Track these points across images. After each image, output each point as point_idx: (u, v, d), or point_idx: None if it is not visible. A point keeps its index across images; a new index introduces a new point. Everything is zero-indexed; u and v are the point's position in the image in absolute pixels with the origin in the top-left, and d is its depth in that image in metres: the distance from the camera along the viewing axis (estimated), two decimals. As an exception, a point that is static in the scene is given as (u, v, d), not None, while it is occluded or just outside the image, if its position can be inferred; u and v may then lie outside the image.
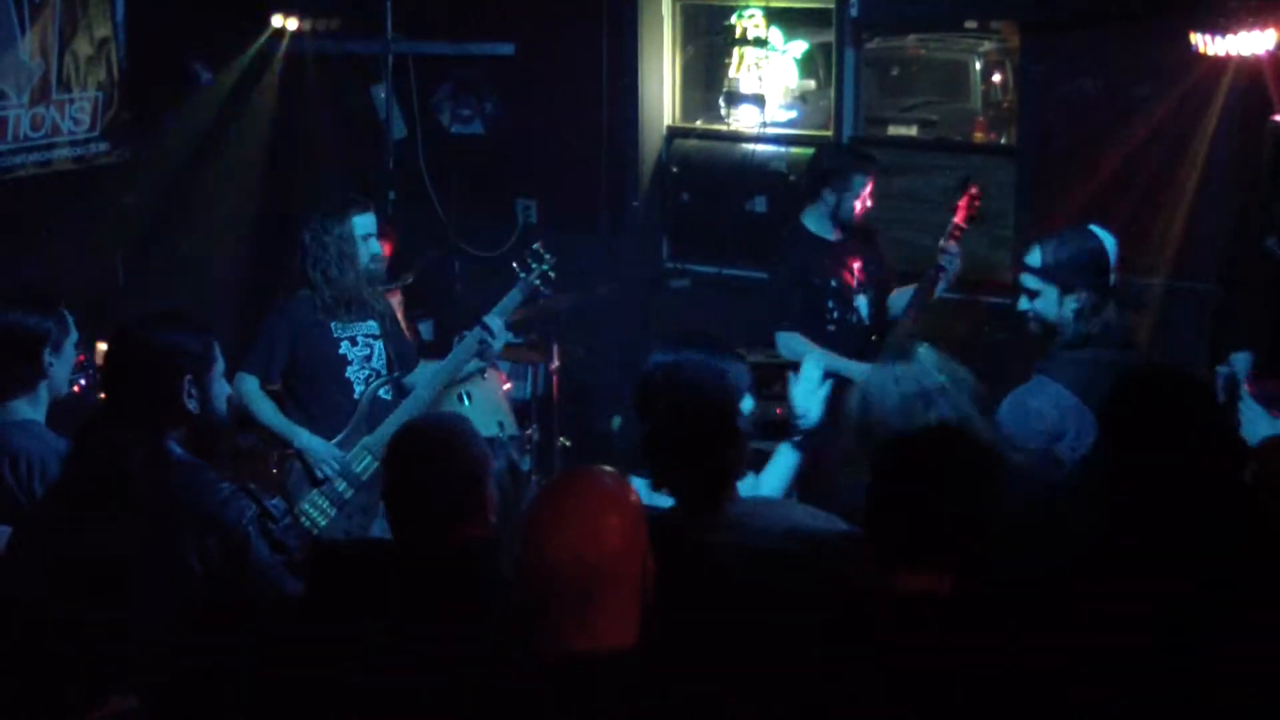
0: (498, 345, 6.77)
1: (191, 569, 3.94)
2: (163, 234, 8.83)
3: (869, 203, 7.27)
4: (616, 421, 9.22)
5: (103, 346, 6.97)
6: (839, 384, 5.14)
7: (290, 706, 3.56)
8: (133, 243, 8.72)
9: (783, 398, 4.99)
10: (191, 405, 4.16)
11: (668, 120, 9.52)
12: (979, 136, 9.16)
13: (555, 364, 8.28)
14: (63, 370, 4.91)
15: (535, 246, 6.98)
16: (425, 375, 6.83)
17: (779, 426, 4.97)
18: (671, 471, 4.00)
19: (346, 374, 6.65)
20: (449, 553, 3.60)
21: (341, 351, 6.63)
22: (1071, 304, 5.34)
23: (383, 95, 9.58)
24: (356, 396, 6.66)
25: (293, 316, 6.67)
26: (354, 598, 3.67)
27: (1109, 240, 5.51)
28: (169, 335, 4.25)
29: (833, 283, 7.27)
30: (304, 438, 6.56)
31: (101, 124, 8.56)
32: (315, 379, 6.68)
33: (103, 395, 4.45)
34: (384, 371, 6.75)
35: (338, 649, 3.54)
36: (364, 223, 6.64)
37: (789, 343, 7.12)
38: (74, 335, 4.92)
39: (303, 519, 6.42)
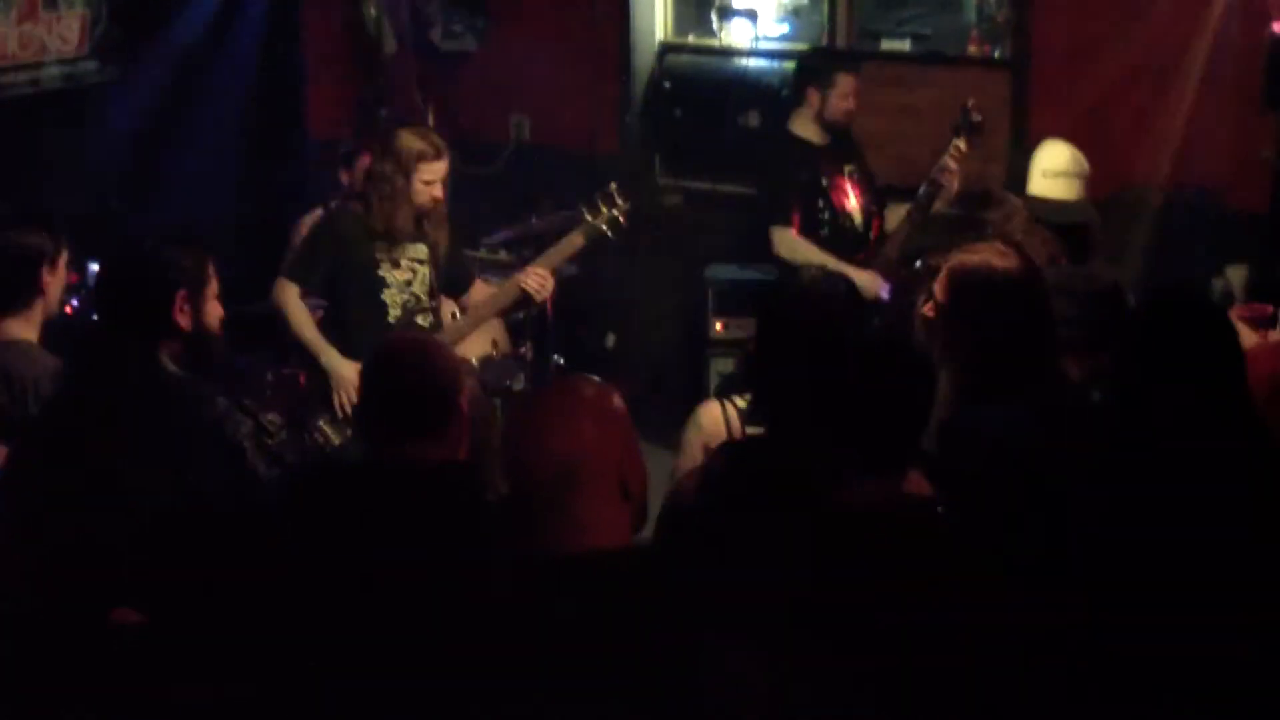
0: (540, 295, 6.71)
1: (188, 484, 3.95)
2: (154, 153, 8.79)
3: (852, 103, 7.36)
4: (610, 339, 9.23)
5: (95, 267, 6.98)
6: None
7: (283, 620, 3.57)
8: (124, 162, 8.68)
9: None
10: (184, 321, 4.16)
11: (660, 35, 9.46)
12: (973, 50, 9.10)
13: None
14: (57, 289, 4.91)
15: (610, 188, 6.82)
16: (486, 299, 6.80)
17: None
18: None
19: (382, 296, 6.54)
20: (420, 470, 3.58)
21: (380, 273, 6.53)
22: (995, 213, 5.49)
23: (373, 11, 9.51)
24: (389, 320, 6.54)
25: (337, 229, 6.61)
26: (331, 514, 3.65)
27: (1048, 152, 5.57)
28: (162, 251, 4.25)
29: (823, 181, 7.35)
30: (330, 357, 6.44)
31: (90, 42, 8.49)
32: (350, 297, 6.57)
33: (96, 313, 4.45)
34: (424, 297, 6.64)
35: (318, 564, 3.53)
36: (431, 169, 6.51)
37: (787, 241, 7.15)
38: (65, 253, 4.93)
39: (317, 435, 6.38)
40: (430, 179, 6.48)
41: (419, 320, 6.59)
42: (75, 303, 6.84)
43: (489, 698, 3.08)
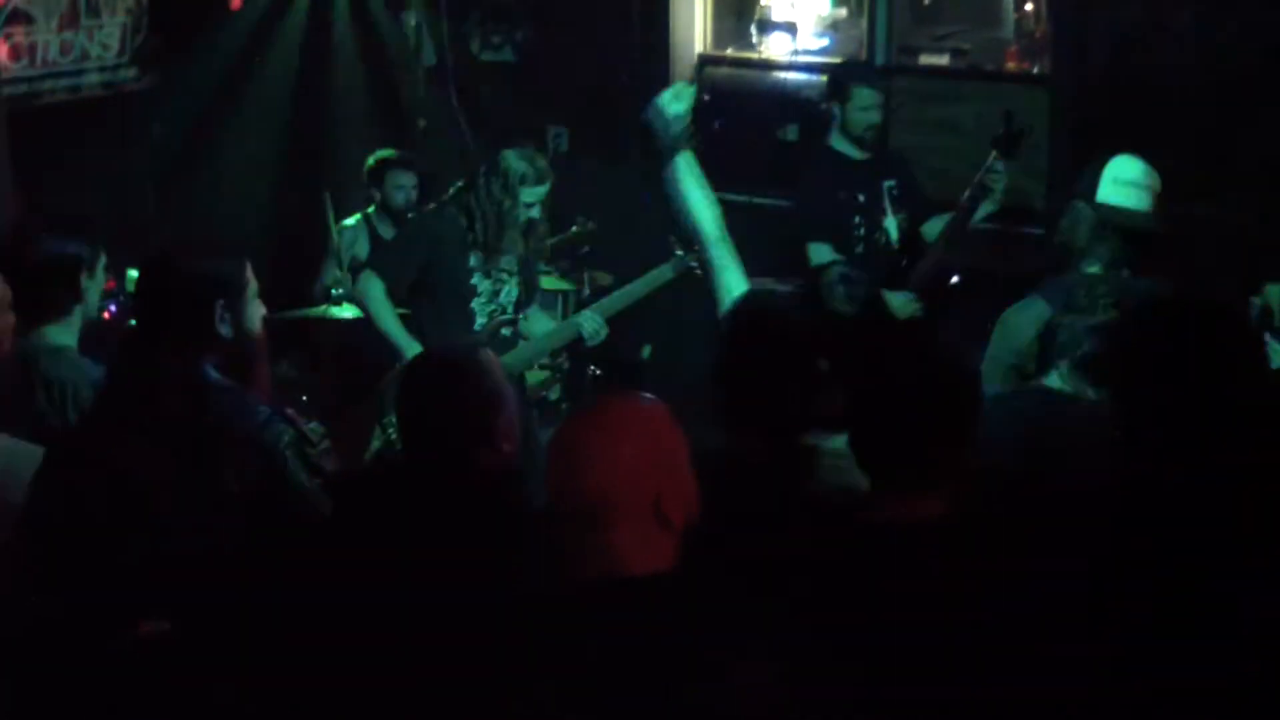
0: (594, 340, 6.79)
1: (229, 493, 3.95)
2: (192, 160, 8.82)
3: (874, 115, 7.32)
4: (647, 350, 9.22)
5: (134, 273, 7.00)
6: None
7: (317, 628, 3.57)
8: (162, 169, 8.71)
9: None
10: (225, 330, 4.15)
11: (699, 48, 9.46)
12: (1011, 65, 9.08)
13: (585, 293, 8.26)
14: (95, 294, 4.92)
15: None
16: (544, 326, 6.86)
17: None
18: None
19: (472, 305, 6.59)
20: (462, 480, 3.59)
21: (473, 281, 6.57)
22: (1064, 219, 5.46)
23: (413, 22, 9.53)
24: (476, 328, 6.59)
25: (434, 232, 6.62)
26: (372, 522, 3.66)
27: (1120, 163, 5.53)
28: (201, 260, 4.25)
29: (860, 198, 7.30)
30: (415, 351, 6.37)
31: (130, 49, 8.52)
32: (440, 301, 6.60)
33: (135, 321, 4.45)
34: (509, 309, 6.70)
35: (357, 572, 3.54)
36: (533, 192, 6.56)
37: (821, 255, 7.13)
38: (104, 258, 4.93)
39: (389, 429, 6.37)
40: (531, 201, 6.53)
41: (504, 333, 6.63)
42: (113, 309, 6.86)
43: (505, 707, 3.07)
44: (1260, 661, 3.29)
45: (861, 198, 7.32)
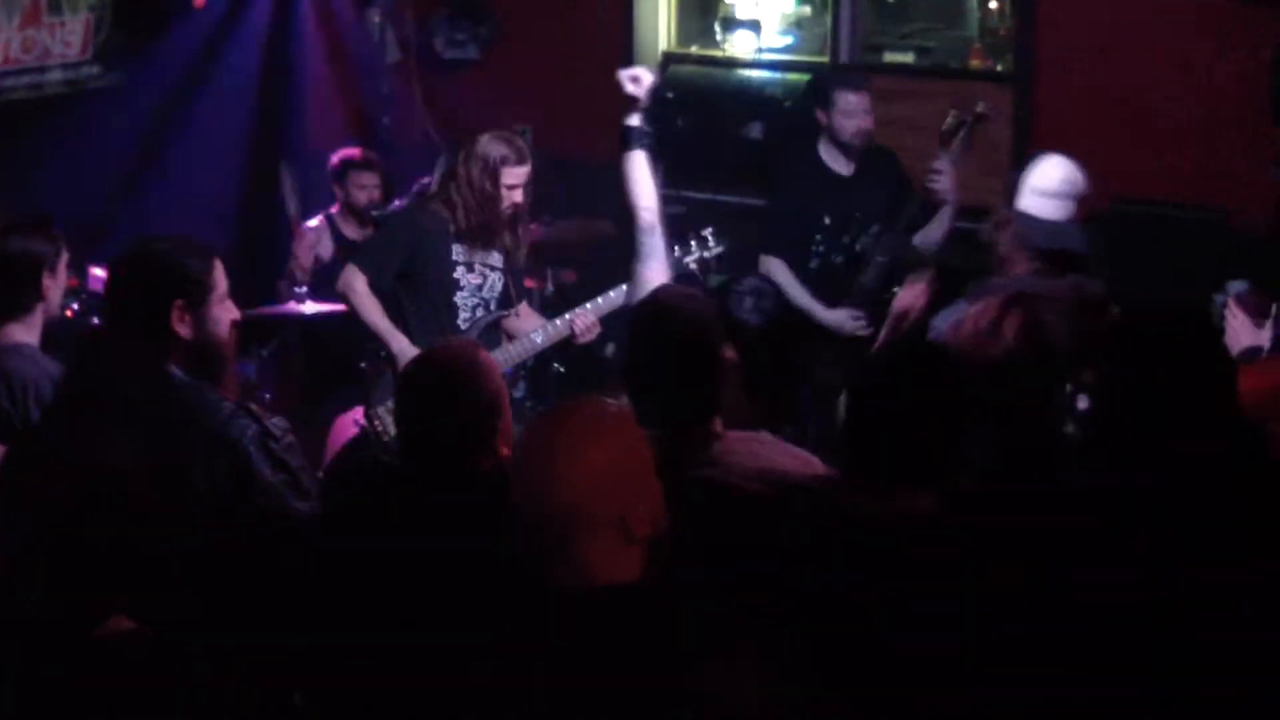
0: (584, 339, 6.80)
1: (195, 488, 3.93)
2: (156, 158, 8.79)
3: (862, 120, 7.24)
4: (610, 348, 9.21)
5: (96, 271, 6.98)
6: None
7: (292, 626, 3.57)
8: (125, 167, 8.68)
9: None
10: (183, 330, 4.12)
11: (663, 45, 9.46)
12: (975, 63, 9.10)
13: (549, 290, 8.25)
14: (57, 292, 4.90)
15: (706, 233, 6.97)
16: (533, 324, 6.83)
17: None
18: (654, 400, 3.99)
19: (455, 298, 6.56)
20: (458, 481, 3.60)
21: (455, 275, 6.54)
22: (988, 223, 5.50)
23: (376, 19, 9.51)
24: (458, 322, 6.55)
25: (418, 227, 6.59)
26: (364, 519, 3.67)
27: (1042, 169, 5.55)
28: (163, 259, 4.21)
29: (826, 219, 7.25)
30: (401, 343, 6.40)
31: (93, 47, 8.49)
32: (424, 295, 6.56)
33: (101, 317, 4.44)
34: (493, 304, 6.67)
35: (344, 569, 3.54)
36: (514, 174, 6.50)
37: (771, 269, 7.15)
38: (65, 255, 4.92)
39: (375, 421, 6.36)
40: (514, 183, 6.48)
41: (488, 328, 6.63)
42: (75, 306, 6.83)
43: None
44: (1247, 660, 3.31)
45: (828, 219, 7.27)
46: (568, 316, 6.77)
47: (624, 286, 6.71)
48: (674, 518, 3.16)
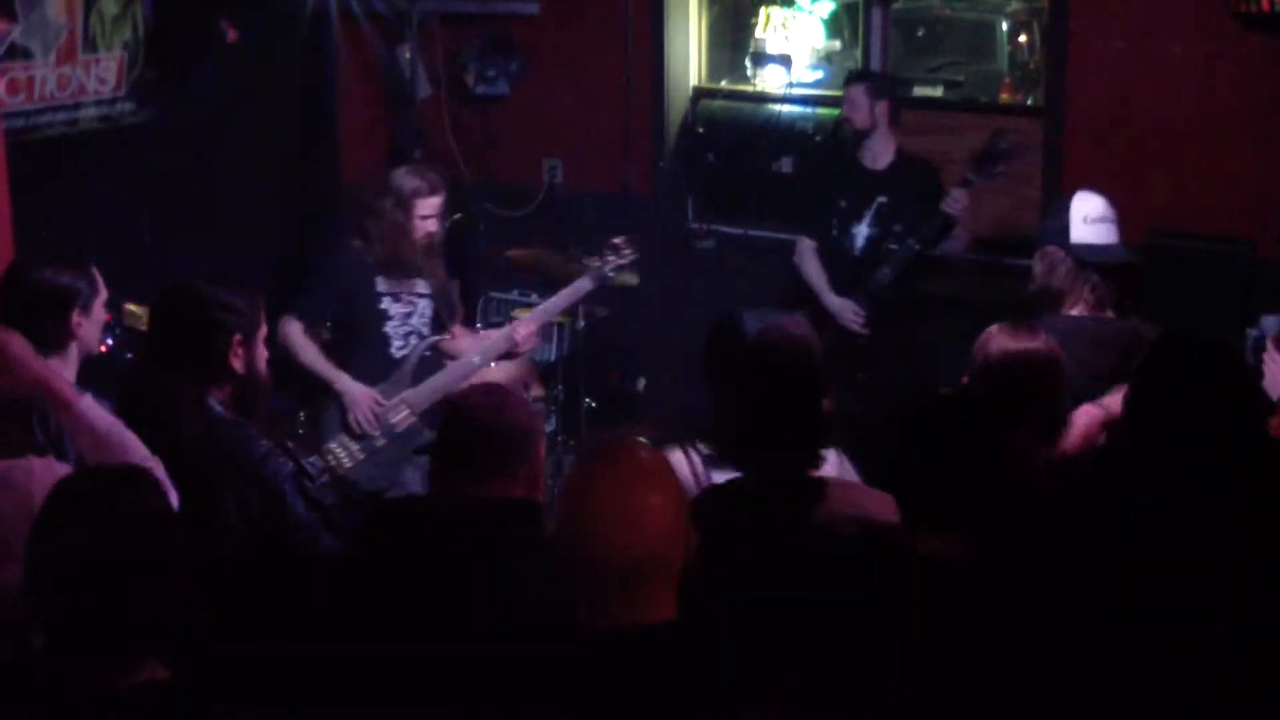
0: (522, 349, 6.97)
1: (231, 525, 3.96)
2: (189, 194, 8.82)
3: (848, 112, 7.57)
4: (641, 382, 9.23)
5: (130, 307, 7.02)
6: None
7: (323, 662, 3.57)
8: (159, 203, 8.71)
9: None
10: (238, 365, 4.18)
11: (694, 80, 9.49)
12: (1005, 97, 9.12)
13: (580, 325, 8.28)
14: (92, 330, 4.91)
15: (617, 240, 7.16)
16: (473, 344, 6.97)
17: None
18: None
19: (385, 329, 6.79)
20: (490, 514, 3.62)
21: (382, 306, 6.76)
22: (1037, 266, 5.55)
23: (407, 55, 9.55)
24: (391, 351, 6.78)
25: (339, 264, 6.83)
26: (396, 554, 3.69)
27: (1084, 201, 5.60)
28: (222, 294, 4.28)
29: (842, 203, 7.54)
30: (345, 381, 6.67)
31: (127, 83, 8.54)
32: (353, 329, 6.83)
33: (147, 350, 4.46)
34: (425, 331, 6.87)
35: (374, 604, 3.56)
36: (427, 204, 6.73)
37: (800, 252, 7.68)
38: (103, 294, 4.93)
39: (328, 456, 6.51)
40: (427, 214, 6.72)
41: (425, 354, 6.81)
42: (110, 341, 6.87)
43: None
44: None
45: (844, 203, 7.51)
46: (506, 329, 6.99)
47: (563, 292, 6.91)
48: (774, 568, 3.21)
